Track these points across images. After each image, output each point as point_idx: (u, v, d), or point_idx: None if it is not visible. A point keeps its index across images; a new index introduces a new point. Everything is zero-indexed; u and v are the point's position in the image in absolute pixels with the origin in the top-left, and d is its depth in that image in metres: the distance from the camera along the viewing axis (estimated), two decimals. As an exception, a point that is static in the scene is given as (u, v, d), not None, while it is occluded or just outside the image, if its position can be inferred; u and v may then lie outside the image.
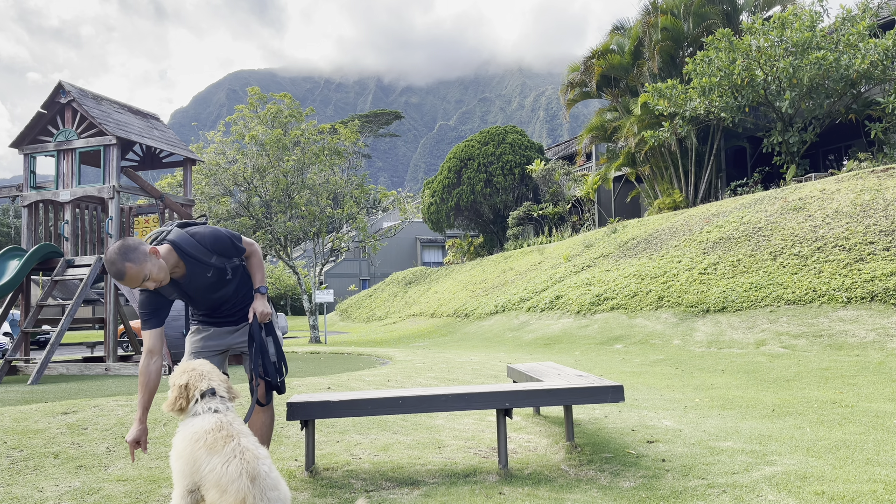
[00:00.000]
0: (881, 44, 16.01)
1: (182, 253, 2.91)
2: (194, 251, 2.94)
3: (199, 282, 2.97)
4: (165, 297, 2.96)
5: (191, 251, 2.93)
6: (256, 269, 3.19)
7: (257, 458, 2.37)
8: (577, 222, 27.52)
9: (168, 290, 2.95)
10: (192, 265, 2.93)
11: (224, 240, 3.02)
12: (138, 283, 2.73)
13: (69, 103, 9.78)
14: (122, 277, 2.69)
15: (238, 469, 2.31)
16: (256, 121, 18.68)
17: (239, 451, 2.36)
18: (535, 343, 13.66)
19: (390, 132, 69.07)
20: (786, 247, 12.92)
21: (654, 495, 3.16)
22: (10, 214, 50.69)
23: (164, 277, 2.79)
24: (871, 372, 7.34)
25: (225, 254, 3.02)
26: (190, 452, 2.44)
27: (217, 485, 2.35)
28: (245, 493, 2.27)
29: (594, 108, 27.19)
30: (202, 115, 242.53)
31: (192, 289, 2.99)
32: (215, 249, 2.98)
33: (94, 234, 10.17)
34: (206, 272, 2.97)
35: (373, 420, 4.89)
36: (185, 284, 2.96)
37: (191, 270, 2.94)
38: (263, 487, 2.29)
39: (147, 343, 2.87)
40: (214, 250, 2.98)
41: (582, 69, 24.49)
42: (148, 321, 2.89)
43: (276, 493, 2.34)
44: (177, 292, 2.99)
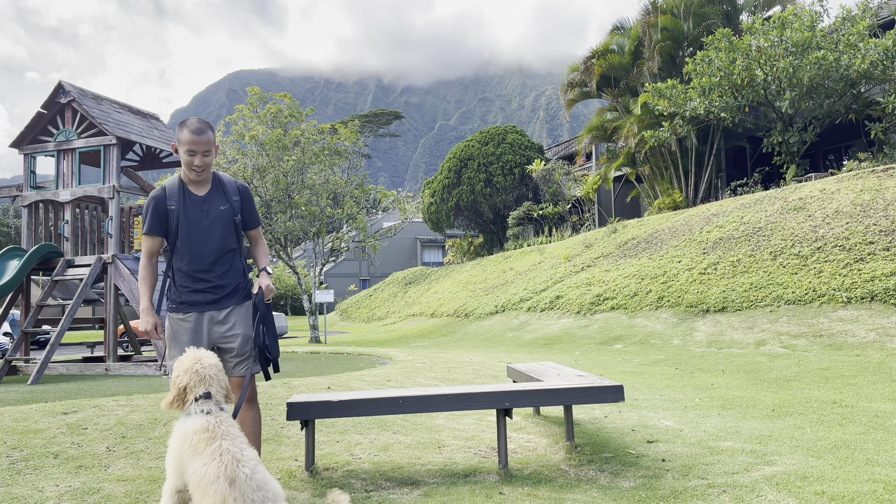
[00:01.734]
0: (881, 44, 16.01)
1: (220, 175, 3.28)
2: (230, 177, 3.33)
3: (211, 211, 3.17)
4: (165, 215, 3.13)
5: (227, 175, 3.33)
6: (263, 254, 3.38)
7: (238, 461, 2.36)
8: (577, 222, 27.52)
9: (176, 204, 3.13)
10: (218, 189, 3.22)
11: (251, 197, 3.36)
12: (206, 147, 3.09)
13: (69, 103, 9.78)
14: (203, 133, 3.08)
15: (216, 472, 2.31)
16: (256, 121, 18.68)
17: (219, 454, 2.36)
18: (535, 343, 13.66)
19: (390, 132, 69.09)
20: (786, 247, 12.92)
21: (654, 495, 3.16)
22: (10, 214, 50.70)
23: (207, 168, 3.14)
24: (871, 372, 7.34)
25: (246, 206, 3.29)
26: (178, 453, 2.47)
27: (198, 486, 2.36)
28: (224, 496, 2.26)
29: (594, 108, 27.19)
30: (202, 115, 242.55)
31: (197, 220, 3.14)
32: (242, 194, 3.28)
33: (94, 234, 10.17)
34: (220, 205, 3.19)
35: (373, 420, 4.89)
36: (195, 205, 3.15)
37: (213, 192, 3.21)
38: (244, 489, 2.28)
39: (148, 246, 3.13)
40: (241, 193, 3.28)
41: (582, 69, 24.49)
42: (152, 230, 3.12)
43: (261, 493, 2.32)
44: (179, 214, 3.13)
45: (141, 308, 3.09)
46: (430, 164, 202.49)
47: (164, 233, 3.14)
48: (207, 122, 3.17)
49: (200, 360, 2.64)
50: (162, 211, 3.12)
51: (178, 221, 3.13)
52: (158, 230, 3.12)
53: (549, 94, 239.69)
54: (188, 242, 3.14)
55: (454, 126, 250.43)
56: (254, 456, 2.45)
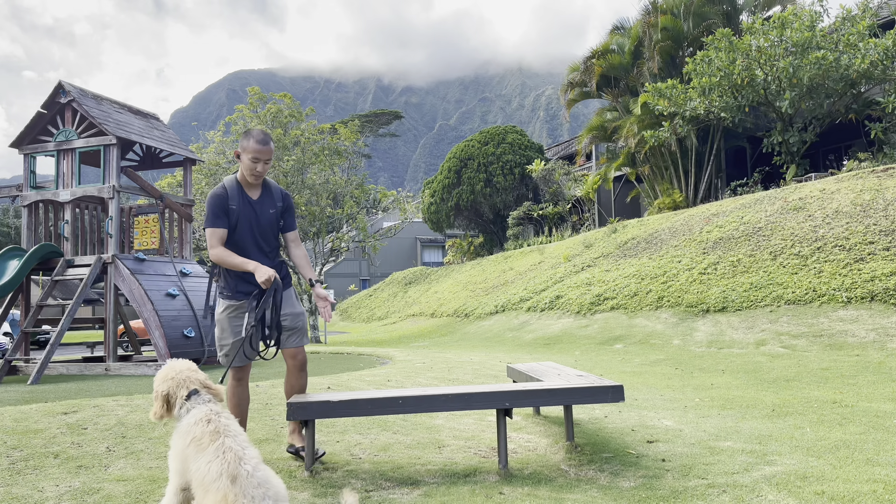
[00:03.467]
0: (881, 44, 16.01)
1: (268, 181, 3.81)
2: (276, 184, 3.87)
3: (263, 212, 3.69)
4: (227, 213, 3.61)
5: (273, 181, 3.87)
6: (305, 259, 3.88)
7: (240, 459, 2.36)
8: (577, 222, 27.52)
9: (237, 204, 3.62)
10: (267, 193, 3.75)
11: (293, 203, 3.94)
12: (268, 157, 3.62)
13: (69, 103, 9.78)
14: (267, 144, 3.60)
15: (219, 469, 2.32)
16: (256, 121, 18.67)
17: (222, 451, 2.37)
18: (535, 343, 13.66)
19: (390, 132, 69.09)
20: (786, 247, 12.92)
21: (654, 495, 3.16)
22: (10, 214, 50.69)
23: (266, 171, 3.66)
24: (871, 372, 7.34)
25: (287, 210, 3.83)
26: (182, 450, 2.47)
27: (201, 484, 2.36)
28: (225, 492, 2.27)
29: (594, 108, 27.19)
30: (202, 115, 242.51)
31: (252, 219, 3.66)
32: (285, 199, 3.82)
33: (94, 234, 10.17)
34: (269, 208, 3.72)
35: (373, 420, 4.89)
36: (251, 206, 3.66)
37: (264, 196, 3.72)
38: (245, 486, 2.28)
39: (219, 237, 3.58)
40: (284, 199, 3.82)
41: (582, 69, 24.49)
42: (216, 221, 3.59)
43: (262, 490, 2.32)
44: (239, 213, 3.62)
45: (252, 267, 3.46)
46: (430, 164, 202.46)
47: (228, 225, 3.61)
48: (269, 133, 3.74)
49: (174, 367, 2.69)
50: (225, 208, 3.60)
51: (238, 219, 3.63)
52: (224, 223, 3.60)
53: (549, 94, 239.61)
54: (245, 238, 3.65)
55: (454, 126, 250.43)
56: (255, 455, 2.46)
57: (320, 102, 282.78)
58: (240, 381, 3.79)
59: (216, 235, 3.57)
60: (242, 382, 3.79)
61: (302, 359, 3.83)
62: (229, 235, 3.62)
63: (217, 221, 3.58)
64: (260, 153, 3.56)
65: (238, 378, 3.78)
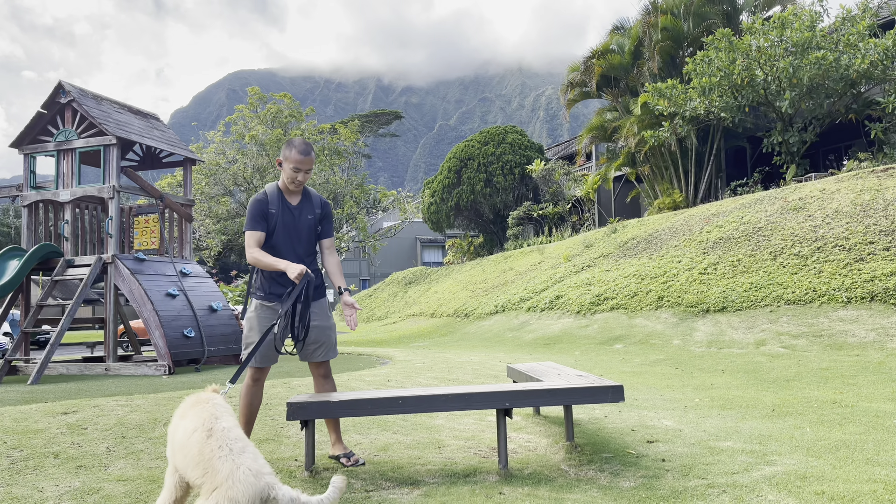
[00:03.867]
0: (881, 44, 16.01)
1: (308, 189, 3.93)
2: (316, 192, 3.98)
3: (301, 219, 3.82)
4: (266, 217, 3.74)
5: (313, 190, 3.99)
6: (338, 268, 3.91)
7: (216, 418, 2.35)
8: (577, 222, 27.52)
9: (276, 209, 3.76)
10: (306, 200, 3.87)
11: (331, 211, 4.01)
12: (309, 167, 3.75)
13: (69, 103, 9.77)
14: (308, 154, 3.73)
15: (193, 425, 2.31)
16: (256, 121, 18.69)
17: (199, 411, 2.39)
18: (535, 343, 13.66)
19: (390, 132, 69.13)
20: (786, 247, 12.92)
21: (654, 495, 3.16)
22: (10, 214, 50.69)
23: (307, 180, 3.79)
24: (871, 372, 7.34)
25: (325, 218, 3.94)
26: (172, 429, 2.49)
27: (181, 447, 2.33)
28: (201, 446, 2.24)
29: (594, 108, 27.19)
30: (202, 115, 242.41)
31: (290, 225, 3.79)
32: (323, 207, 3.93)
33: (94, 234, 10.17)
34: (308, 214, 3.85)
35: (373, 420, 4.89)
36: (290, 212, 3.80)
37: (303, 204, 3.85)
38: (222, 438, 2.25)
39: (256, 239, 3.70)
40: (322, 207, 3.92)
41: (582, 69, 24.48)
42: (255, 224, 3.72)
43: (240, 444, 2.28)
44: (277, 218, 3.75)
45: (283, 266, 3.55)
46: (430, 164, 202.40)
47: (266, 229, 3.74)
48: (310, 143, 3.84)
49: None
50: (264, 213, 3.73)
51: (276, 224, 3.75)
52: (263, 227, 3.73)
53: (549, 94, 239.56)
54: (281, 243, 3.76)
55: (454, 126, 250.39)
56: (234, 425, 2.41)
57: (320, 102, 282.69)
58: (256, 381, 3.84)
59: (254, 238, 3.71)
60: (258, 383, 3.85)
61: (325, 371, 3.92)
62: (267, 239, 3.75)
63: (255, 225, 3.72)
64: (301, 163, 3.70)
65: (255, 378, 3.84)
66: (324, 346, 3.85)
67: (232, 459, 2.19)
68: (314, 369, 3.92)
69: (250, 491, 2.10)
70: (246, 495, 2.09)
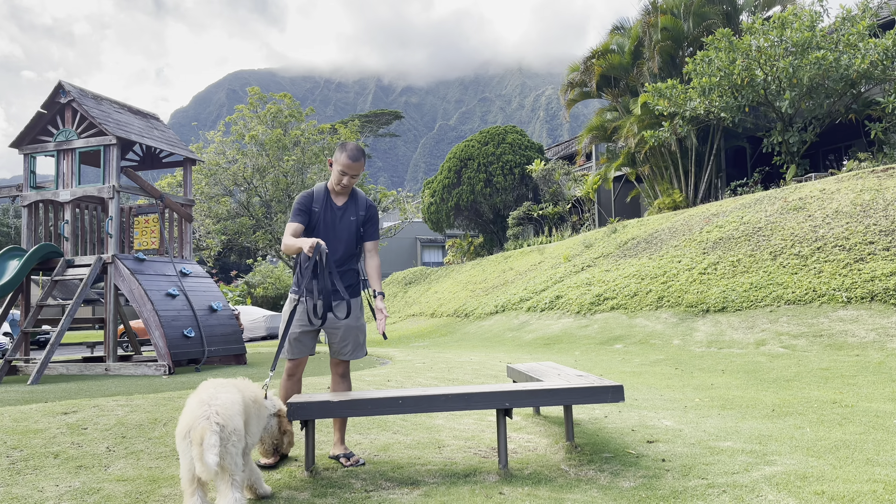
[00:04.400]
0: (881, 44, 16.01)
1: (356, 191, 4.00)
2: (363, 195, 4.02)
3: (344, 219, 3.89)
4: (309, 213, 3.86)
5: (361, 192, 4.03)
6: (376, 272, 3.97)
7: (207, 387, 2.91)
8: (577, 222, 27.52)
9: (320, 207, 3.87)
10: (352, 202, 3.93)
11: (377, 214, 4.03)
12: (356, 172, 3.82)
13: (69, 103, 9.78)
14: (357, 160, 3.80)
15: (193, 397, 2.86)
16: (256, 121, 18.67)
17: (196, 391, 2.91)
18: (535, 343, 13.66)
19: (390, 132, 69.12)
20: (786, 247, 12.92)
21: (654, 495, 3.16)
22: (10, 214, 50.70)
23: (353, 184, 3.88)
24: (871, 372, 7.34)
25: (369, 221, 3.97)
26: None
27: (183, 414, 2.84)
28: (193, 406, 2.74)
29: (594, 108, 27.19)
30: (202, 115, 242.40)
31: (332, 224, 3.87)
32: (369, 210, 3.97)
33: (94, 234, 10.17)
34: (351, 216, 3.91)
35: (373, 420, 4.89)
36: (333, 211, 3.89)
37: (348, 204, 3.92)
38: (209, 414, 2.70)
39: (293, 230, 3.79)
40: (368, 209, 3.96)
41: (582, 69, 24.49)
42: (295, 217, 3.83)
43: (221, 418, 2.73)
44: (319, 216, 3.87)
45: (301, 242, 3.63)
46: (430, 164, 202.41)
47: (306, 223, 3.84)
48: (361, 149, 3.85)
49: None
50: (308, 208, 3.85)
51: (318, 222, 3.85)
52: (302, 220, 3.83)
53: (549, 94, 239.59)
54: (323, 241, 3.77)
55: (454, 126, 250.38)
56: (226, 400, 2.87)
57: (320, 102, 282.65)
58: (291, 376, 3.92)
59: (290, 229, 3.81)
60: (293, 378, 3.92)
61: (343, 370, 3.98)
62: (307, 235, 3.84)
63: (295, 217, 3.83)
64: (348, 168, 3.78)
65: (290, 374, 3.92)
66: (350, 345, 3.91)
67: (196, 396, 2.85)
68: (334, 367, 3.98)
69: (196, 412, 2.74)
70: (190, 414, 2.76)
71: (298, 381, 3.95)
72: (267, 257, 38.01)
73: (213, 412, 2.71)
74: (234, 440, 2.74)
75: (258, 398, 3.27)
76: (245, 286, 43.48)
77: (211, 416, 2.69)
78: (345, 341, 3.89)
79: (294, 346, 3.85)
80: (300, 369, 3.94)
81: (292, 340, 3.84)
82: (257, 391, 3.29)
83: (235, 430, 2.77)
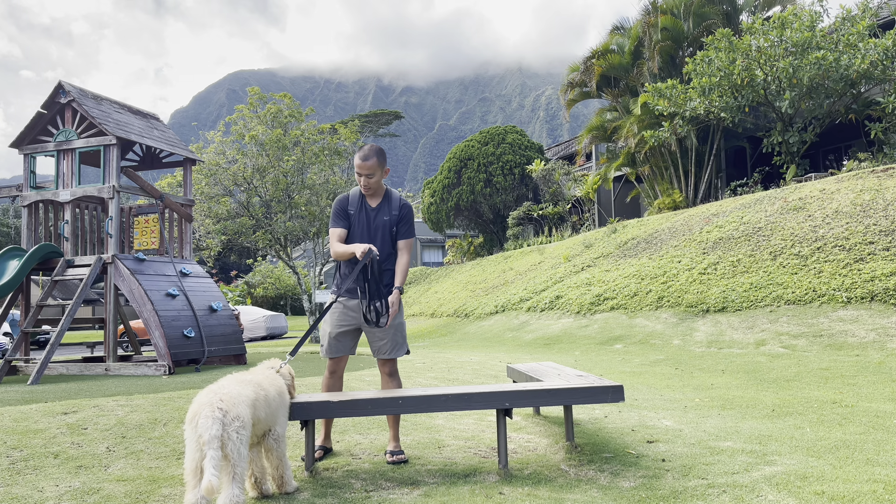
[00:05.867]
0: (881, 44, 16.01)
1: (390, 192, 4.08)
2: (397, 195, 4.10)
3: (377, 220, 3.99)
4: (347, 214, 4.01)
5: (395, 193, 4.11)
6: (402, 269, 3.97)
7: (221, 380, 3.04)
8: (577, 222, 27.51)
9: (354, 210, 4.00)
10: (386, 202, 4.02)
11: (411, 213, 4.08)
12: (368, 171, 3.89)
13: (69, 103, 9.77)
14: (367, 159, 3.88)
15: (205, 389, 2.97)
16: (256, 121, 18.67)
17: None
18: (535, 343, 13.66)
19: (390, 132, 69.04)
20: (786, 247, 12.92)
21: (654, 495, 3.16)
22: (10, 214, 50.71)
23: (373, 187, 3.95)
24: (871, 372, 7.34)
25: (402, 220, 4.03)
26: None
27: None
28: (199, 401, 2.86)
29: (594, 108, 27.19)
30: (202, 115, 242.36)
31: (367, 225, 3.99)
32: (402, 209, 4.03)
33: (94, 234, 10.16)
34: (384, 216, 4.00)
35: (373, 420, 4.89)
36: (367, 213, 4.00)
37: (382, 204, 4.02)
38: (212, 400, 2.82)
39: (337, 235, 3.98)
40: (401, 209, 4.03)
41: (582, 69, 24.49)
42: (336, 222, 4.01)
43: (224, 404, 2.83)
44: (355, 218, 4.00)
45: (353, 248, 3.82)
46: (430, 164, 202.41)
47: (347, 227, 4.00)
48: (376, 149, 3.94)
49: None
50: (344, 211, 4.01)
51: (354, 223, 4.00)
52: (342, 224, 4.00)
53: (549, 94, 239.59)
54: (357, 242, 3.95)
55: (454, 126, 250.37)
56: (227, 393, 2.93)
57: (320, 102, 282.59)
58: (333, 373, 4.07)
59: (335, 235, 3.98)
60: (335, 375, 4.07)
61: (389, 369, 4.07)
62: (349, 239, 4.01)
63: (335, 222, 4.01)
64: (360, 167, 3.90)
65: (332, 371, 4.07)
66: (389, 343, 4.01)
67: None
68: (380, 367, 4.09)
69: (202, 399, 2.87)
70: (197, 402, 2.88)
71: (340, 379, 4.10)
72: (267, 257, 37.98)
73: (217, 399, 2.82)
74: (237, 426, 2.80)
75: (282, 390, 3.35)
76: (245, 286, 43.47)
77: (215, 402, 2.80)
78: (383, 340, 3.99)
79: (332, 345, 4.01)
80: (341, 367, 4.08)
81: (331, 340, 4.00)
82: (281, 384, 3.37)
83: (238, 417, 2.82)
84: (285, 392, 3.39)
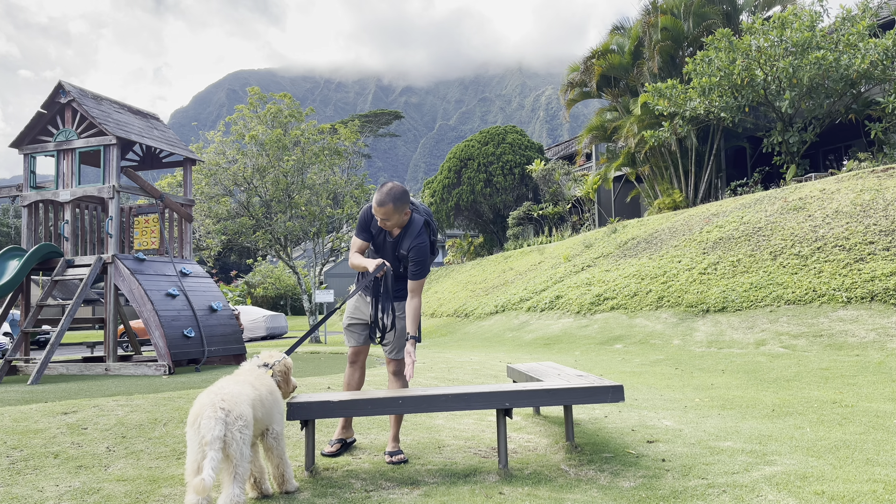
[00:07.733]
0: (881, 44, 16.01)
1: (412, 224, 3.90)
2: (417, 227, 3.90)
3: (394, 249, 3.95)
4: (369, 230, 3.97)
5: (417, 224, 3.90)
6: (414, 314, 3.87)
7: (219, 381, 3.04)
8: (577, 222, 27.52)
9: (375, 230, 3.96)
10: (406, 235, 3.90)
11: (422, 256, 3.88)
12: (384, 216, 3.77)
13: (69, 103, 9.77)
14: (383, 205, 3.73)
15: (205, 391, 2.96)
16: (256, 121, 18.68)
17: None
18: (535, 343, 13.66)
19: (390, 132, 69.14)
20: (786, 247, 12.92)
21: (654, 495, 3.16)
22: (10, 214, 50.72)
23: (390, 228, 3.87)
24: (871, 372, 7.34)
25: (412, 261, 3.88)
26: None
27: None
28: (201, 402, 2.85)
29: (594, 108, 27.19)
30: (202, 115, 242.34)
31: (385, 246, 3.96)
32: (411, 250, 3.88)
33: (94, 234, 10.16)
34: (401, 248, 3.93)
35: (373, 420, 4.89)
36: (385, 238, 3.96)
37: (401, 237, 3.93)
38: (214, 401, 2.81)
39: (358, 246, 3.99)
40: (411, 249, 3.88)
41: (582, 69, 24.49)
42: (359, 233, 3.99)
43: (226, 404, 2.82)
44: (375, 237, 3.98)
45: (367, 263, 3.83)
46: (430, 164, 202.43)
47: (369, 240, 4.00)
48: (395, 193, 3.73)
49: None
50: (367, 223, 3.96)
51: (374, 241, 3.99)
52: (365, 237, 3.99)
53: (549, 94, 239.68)
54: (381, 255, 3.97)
55: (454, 126, 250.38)
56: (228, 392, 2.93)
57: (320, 102, 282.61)
58: (352, 364, 4.15)
59: (355, 245, 4.01)
60: (355, 366, 4.14)
61: (395, 369, 4.09)
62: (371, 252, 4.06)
63: (358, 233, 4.01)
64: (376, 212, 3.81)
65: (351, 361, 4.15)
66: (394, 344, 4.07)
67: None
68: (387, 365, 4.13)
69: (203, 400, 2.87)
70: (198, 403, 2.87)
71: (361, 368, 4.16)
72: (267, 257, 37.97)
73: (219, 399, 2.83)
74: (240, 425, 2.80)
75: (273, 389, 3.35)
76: (245, 286, 43.45)
77: (217, 403, 2.81)
78: (389, 341, 4.07)
79: (348, 335, 4.14)
80: (361, 357, 4.14)
81: (345, 330, 4.14)
82: (270, 381, 3.36)
83: (241, 416, 2.83)
84: (276, 390, 3.37)
